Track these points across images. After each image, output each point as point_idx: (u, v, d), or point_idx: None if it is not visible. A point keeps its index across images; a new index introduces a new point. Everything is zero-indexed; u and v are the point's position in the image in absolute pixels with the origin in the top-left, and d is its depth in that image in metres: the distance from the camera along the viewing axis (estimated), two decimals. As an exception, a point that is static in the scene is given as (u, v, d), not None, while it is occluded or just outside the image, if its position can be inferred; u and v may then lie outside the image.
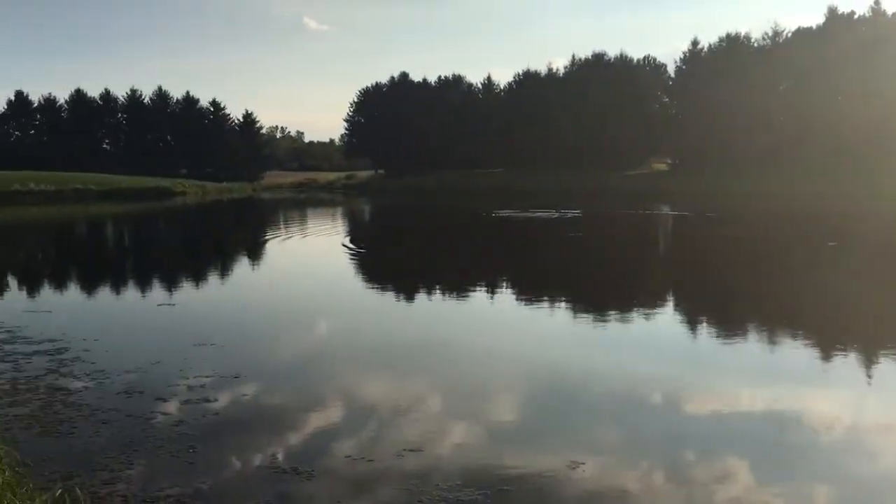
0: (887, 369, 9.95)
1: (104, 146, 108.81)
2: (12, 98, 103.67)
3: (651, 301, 15.41)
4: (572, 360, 10.63)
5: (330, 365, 10.53)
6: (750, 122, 71.37)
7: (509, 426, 7.93)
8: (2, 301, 15.97)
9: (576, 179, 72.62)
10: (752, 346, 11.38)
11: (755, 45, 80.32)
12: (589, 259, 23.32)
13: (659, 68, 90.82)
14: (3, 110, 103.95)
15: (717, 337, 12.26)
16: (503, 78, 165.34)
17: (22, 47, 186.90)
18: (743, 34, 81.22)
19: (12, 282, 19.94)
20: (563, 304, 15.28)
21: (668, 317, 14.05)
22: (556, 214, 39.81)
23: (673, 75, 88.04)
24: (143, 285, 18.78)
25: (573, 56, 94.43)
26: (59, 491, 5.73)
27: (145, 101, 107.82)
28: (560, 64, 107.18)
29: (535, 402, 8.81)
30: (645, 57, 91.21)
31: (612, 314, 13.98)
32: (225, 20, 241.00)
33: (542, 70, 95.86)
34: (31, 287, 18.74)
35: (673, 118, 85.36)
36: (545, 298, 15.64)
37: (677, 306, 15.35)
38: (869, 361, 10.34)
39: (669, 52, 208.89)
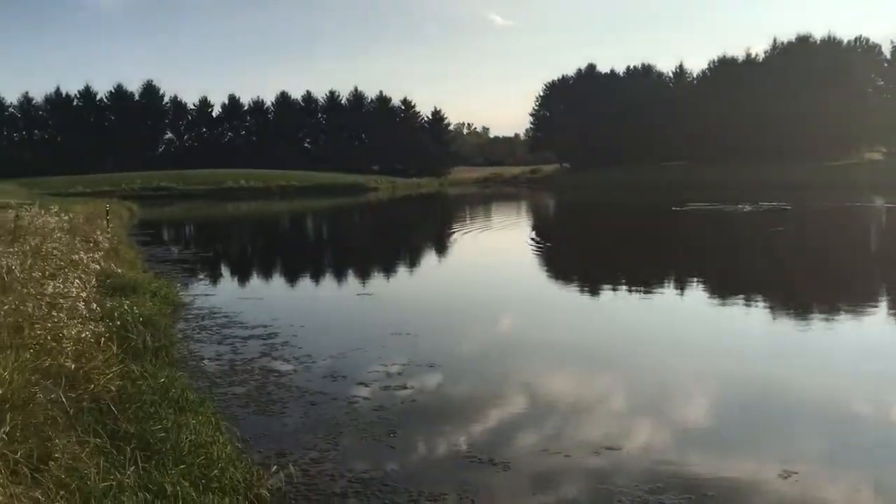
0: None
1: (305, 145, 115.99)
2: (226, 102, 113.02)
3: (861, 302, 14.12)
4: (775, 363, 9.93)
5: (520, 357, 10.52)
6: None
7: (710, 429, 7.54)
8: (220, 289, 17.36)
9: (774, 171, 67.96)
10: None
11: None
12: (792, 255, 21.78)
13: (872, 49, 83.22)
14: (218, 113, 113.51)
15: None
16: (696, 66, 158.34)
17: (234, 54, 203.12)
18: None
19: (228, 271, 21.70)
20: (762, 303, 14.35)
21: (882, 320, 12.81)
22: (753, 208, 37.56)
23: (889, 56, 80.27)
24: (342, 275, 19.76)
25: (774, 40, 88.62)
26: (275, 467, 6.12)
27: (342, 101, 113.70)
28: (759, 49, 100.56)
29: (735, 404, 8.31)
30: (856, 38, 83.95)
31: (820, 315, 12.93)
32: (412, 21, 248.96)
33: (740, 56, 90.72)
34: (244, 276, 20.29)
35: (888, 103, 77.83)
36: (742, 296, 14.74)
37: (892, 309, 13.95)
38: None
39: (886, 32, 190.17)
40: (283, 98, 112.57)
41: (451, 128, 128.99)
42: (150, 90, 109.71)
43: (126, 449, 5.64)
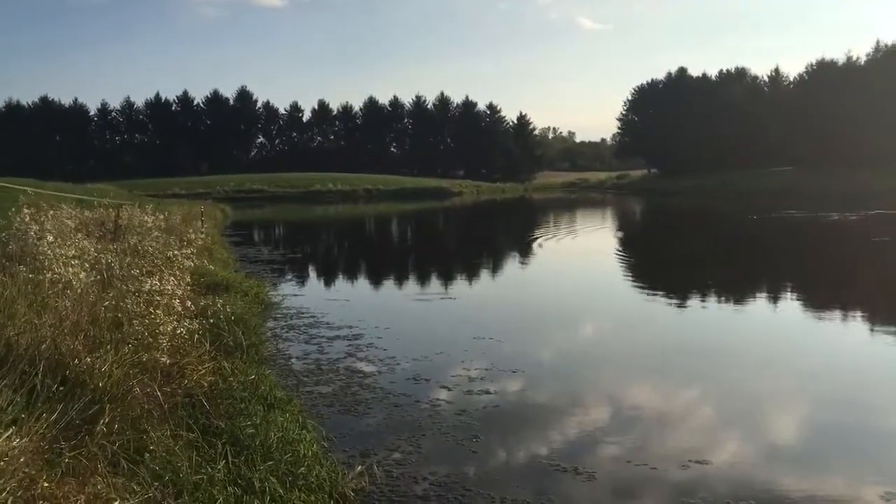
0: None
1: (392, 149, 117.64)
2: (316, 107, 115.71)
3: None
4: (868, 381, 9.43)
5: (603, 365, 10.36)
6: None
7: (807, 448, 7.23)
8: (307, 290, 17.72)
9: (876, 178, 64.86)
10: None
11: None
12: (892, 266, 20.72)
13: None
14: (308, 118, 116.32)
15: None
16: (793, 70, 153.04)
17: (324, 60, 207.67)
18: None
19: (315, 273, 22.15)
20: (857, 317, 13.67)
21: None
22: (855, 216, 35.94)
23: None
24: (425, 279, 19.87)
25: (877, 42, 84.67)
26: (360, 468, 6.18)
27: (429, 106, 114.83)
28: (861, 52, 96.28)
29: (828, 422, 7.93)
30: (969, 37, 79.24)
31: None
32: (502, 25, 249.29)
33: (840, 59, 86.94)
34: (331, 278, 20.66)
35: None
36: (837, 309, 14.08)
37: None
38: None
39: None
40: (371, 103, 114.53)
41: (537, 132, 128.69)
42: (243, 96, 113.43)
43: (217, 444, 5.80)
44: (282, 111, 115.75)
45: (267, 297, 14.37)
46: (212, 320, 9.43)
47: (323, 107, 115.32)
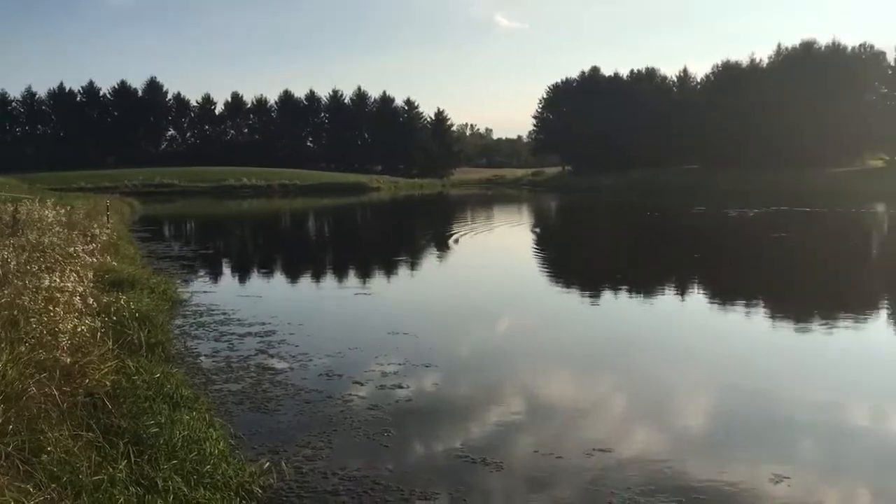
0: None
1: (308, 143, 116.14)
2: (229, 99, 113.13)
3: (858, 308, 14.10)
4: (769, 368, 9.92)
5: (515, 359, 10.53)
6: None
7: (701, 432, 7.54)
8: (219, 286, 17.37)
9: (777, 177, 67.92)
10: None
11: None
12: (792, 261, 21.76)
13: (877, 56, 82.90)
14: (220, 111, 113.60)
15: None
16: (700, 71, 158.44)
17: (238, 52, 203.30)
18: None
19: (228, 269, 21.72)
20: (759, 308, 14.33)
21: (878, 325, 12.82)
22: (754, 213, 37.55)
23: (893, 63, 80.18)
24: (341, 275, 19.76)
25: (779, 45, 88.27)
26: (267, 464, 6.12)
27: (346, 100, 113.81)
28: (763, 55, 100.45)
29: (727, 408, 8.30)
30: (861, 44, 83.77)
31: (815, 321, 12.92)
32: (417, 22, 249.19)
33: (744, 61, 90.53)
34: (244, 274, 20.29)
35: (891, 109, 77.65)
36: (739, 301, 14.71)
37: (877, 311, 13.94)
38: None
39: (892, 39, 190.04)
40: (286, 97, 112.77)
41: (455, 129, 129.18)
42: (153, 87, 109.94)
43: (119, 444, 5.64)
44: (193, 103, 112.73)
45: (175, 294, 14.04)
46: (115, 318, 9.15)
47: (236, 99, 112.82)
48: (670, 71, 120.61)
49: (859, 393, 8.75)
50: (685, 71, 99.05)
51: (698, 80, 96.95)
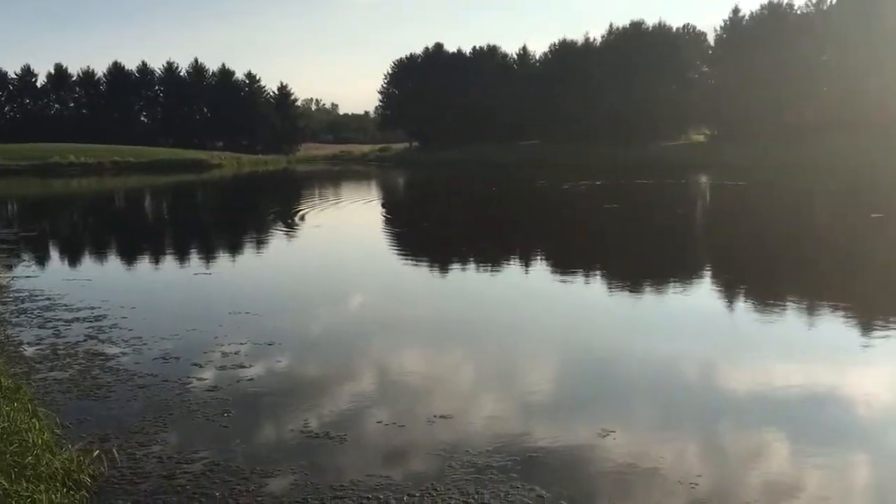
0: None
1: (142, 119, 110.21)
2: (52, 71, 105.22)
3: (683, 273, 15.24)
4: (604, 333, 10.56)
5: (362, 335, 10.56)
6: (791, 93, 69.72)
7: (539, 396, 7.89)
8: (44, 271, 16.27)
9: (614, 151, 71.74)
10: (784, 318, 11.19)
11: (798, 12, 78.23)
12: (624, 230, 23.09)
13: (699, 37, 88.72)
14: (43, 83, 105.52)
15: (748, 309, 12.03)
16: (539, 48, 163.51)
17: (62, 20, 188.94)
18: (785, 1, 78.89)
19: (54, 252, 20.35)
20: (594, 276, 15.17)
21: (696, 287, 13.91)
22: (589, 185, 39.42)
23: (713, 44, 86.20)
24: (180, 255, 19.02)
25: (611, 25, 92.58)
26: (97, 452, 5.87)
27: (182, 73, 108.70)
28: (597, 34, 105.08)
29: (565, 373, 8.77)
30: (685, 25, 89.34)
31: (645, 287, 13.85)
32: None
33: (580, 40, 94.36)
34: (72, 257, 19.10)
35: (712, 88, 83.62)
36: (576, 270, 15.50)
37: (701, 275, 15.16)
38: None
39: (711, 21, 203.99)
40: (117, 69, 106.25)
41: (299, 103, 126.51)
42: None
43: (-75, 441, 5.23)
44: (11, 75, 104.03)
45: (-7, 279, 13.03)
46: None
47: (60, 71, 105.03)
48: (511, 48, 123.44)
49: (687, 354, 9.44)
50: (525, 49, 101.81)
51: (537, 57, 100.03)
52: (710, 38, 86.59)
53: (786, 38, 72.73)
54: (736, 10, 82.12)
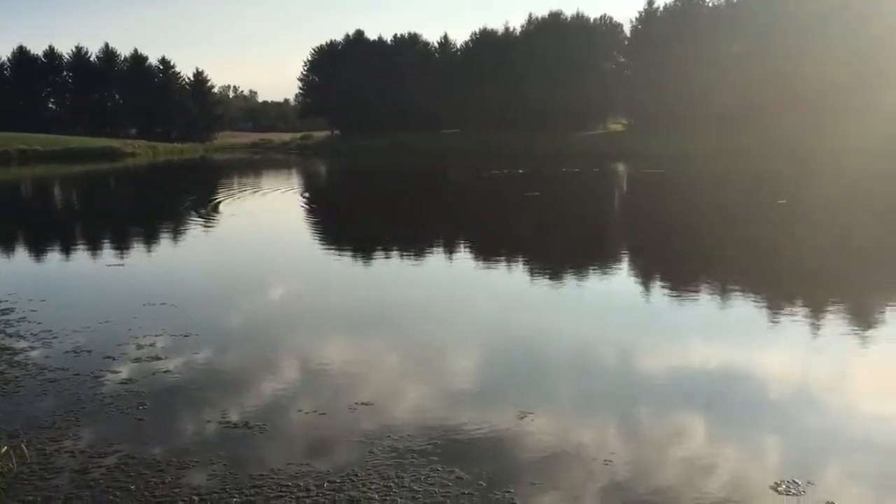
0: (831, 322, 10.22)
1: (49, 105, 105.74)
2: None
3: (603, 258, 15.63)
4: (526, 319, 10.74)
5: (282, 325, 10.47)
6: (704, 84, 71.97)
7: (460, 382, 7.97)
8: (-56, 263, 15.52)
9: (534, 139, 72.58)
10: (697, 300, 11.62)
11: (710, 4, 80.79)
12: (545, 218, 23.47)
13: (615, 28, 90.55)
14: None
15: (664, 292, 12.44)
16: (460, 37, 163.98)
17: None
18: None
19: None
20: (516, 262, 15.40)
21: (620, 274, 14.29)
22: (510, 173, 39.87)
23: (629, 35, 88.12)
24: (92, 247, 18.41)
25: (530, 15, 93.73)
26: (5, 448, 5.67)
27: (91, 59, 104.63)
28: (517, 23, 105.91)
29: (485, 359, 8.89)
30: (602, 16, 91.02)
31: (566, 273, 14.15)
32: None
33: (500, 29, 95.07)
34: (-25, 249, 18.25)
35: (628, 78, 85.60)
36: (498, 257, 15.72)
37: (629, 261, 15.60)
38: (811, 315, 10.65)
39: (627, 12, 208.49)
40: (21, 53, 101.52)
41: (216, 90, 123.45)
42: None
43: None
44: None
45: None
46: None
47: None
48: (432, 36, 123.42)
49: (604, 337, 9.70)
50: (446, 37, 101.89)
51: (458, 46, 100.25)
52: (627, 30, 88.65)
53: (699, 29, 75.16)
54: (651, 2, 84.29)
